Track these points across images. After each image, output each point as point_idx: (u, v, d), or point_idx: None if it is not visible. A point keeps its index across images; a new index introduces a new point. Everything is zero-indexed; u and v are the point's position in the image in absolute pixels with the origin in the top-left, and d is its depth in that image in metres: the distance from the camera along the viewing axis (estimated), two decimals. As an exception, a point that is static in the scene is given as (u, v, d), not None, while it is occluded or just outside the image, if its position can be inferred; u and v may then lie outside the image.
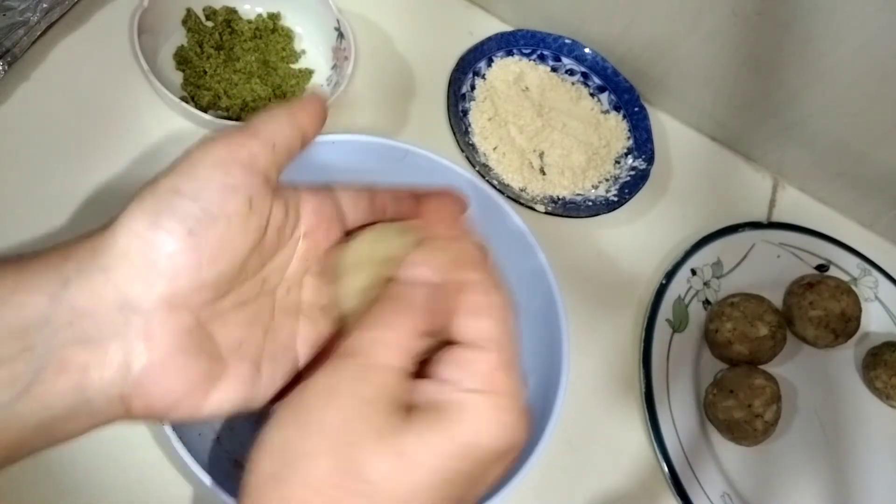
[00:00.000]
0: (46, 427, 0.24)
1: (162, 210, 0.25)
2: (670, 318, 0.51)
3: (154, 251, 0.24)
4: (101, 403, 0.24)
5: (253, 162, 0.27)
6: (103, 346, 0.24)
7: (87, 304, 0.24)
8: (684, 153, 0.61)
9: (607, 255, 0.54)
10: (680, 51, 0.56)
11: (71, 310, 0.24)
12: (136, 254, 0.24)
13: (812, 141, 0.58)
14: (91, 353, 0.24)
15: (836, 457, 0.51)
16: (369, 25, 0.56)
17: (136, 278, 0.24)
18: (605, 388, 0.49)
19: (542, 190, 0.53)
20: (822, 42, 0.50)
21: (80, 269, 0.24)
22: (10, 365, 0.23)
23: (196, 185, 0.25)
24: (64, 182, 0.43)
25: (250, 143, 0.27)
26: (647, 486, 0.46)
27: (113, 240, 0.24)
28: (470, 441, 0.23)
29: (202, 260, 0.25)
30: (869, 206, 0.61)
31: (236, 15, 0.51)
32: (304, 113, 0.29)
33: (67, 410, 0.24)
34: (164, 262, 0.24)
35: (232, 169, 0.26)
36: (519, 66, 0.58)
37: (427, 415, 0.24)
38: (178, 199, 0.25)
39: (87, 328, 0.24)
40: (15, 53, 0.43)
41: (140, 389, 0.25)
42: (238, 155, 0.26)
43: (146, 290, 0.24)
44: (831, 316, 0.52)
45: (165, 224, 0.24)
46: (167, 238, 0.24)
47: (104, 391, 0.24)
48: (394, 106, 0.54)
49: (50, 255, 0.25)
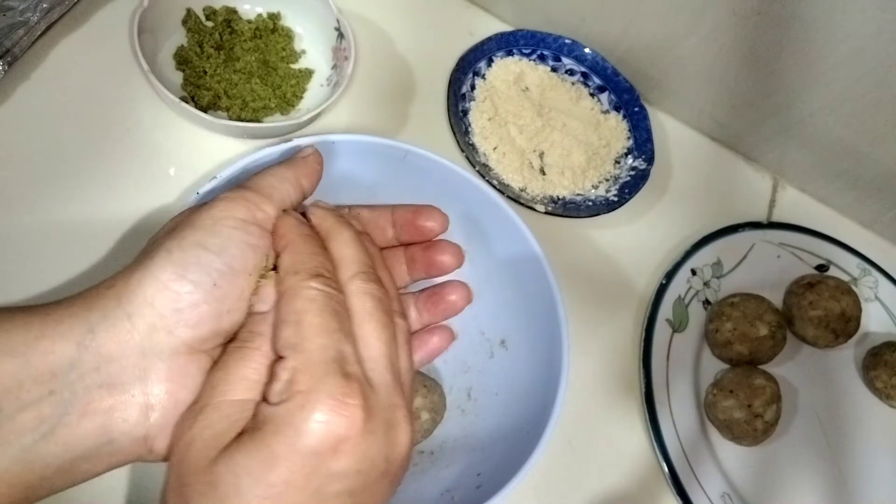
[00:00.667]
0: (68, 467, 0.25)
1: (188, 264, 0.26)
2: (670, 318, 0.51)
3: (179, 301, 0.26)
4: (124, 444, 0.26)
5: (267, 222, 0.29)
6: (128, 390, 0.25)
7: (113, 350, 0.25)
8: (684, 153, 0.61)
9: (607, 255, 0.54)
10: (680, 51, 0.56)
11: (97, 356, 0.25)
12: (161, 303, 0.26)
13: (812, 141, 0.58)
14: (115, 396, 0.25)
15: (836, 457, 0.51)
16: (369, 25, 0.56)
17: (161, 327, 0.26)
18: (605, 388, 0.49)
19: (542, 190, 0.53)
20: (823, 42, 0.50)
21: (106, 316, 0.25)
22: (36, 408, 0.24)
23: (220, 241, 0.27)
24: (64, 182, 0.43)
25: (265, 205, 0.30)
26: (647, 486, 0.46)
27: (139, 288, 0.26)
28: (279, 451, 0.24)
29: (222, 310, 0.27)
30: (869, 206, 0.61)
31: (236, 15, 0.51)
32: (308, 178, 0.32)
33: (90, 451, 0.25)
34: (189, 311, 0.26)
35: (252, 228, 0.29)
36: (519, 66, 0.58)
37: (244, 439, 0.25)
38: (204, 253, 0.27)
39: (111, 373, 0.25)
40: (15, 53, 0.43)
41: (163, 430, 0.26)
42: (256, 217, 0.29)
43: (169, 337, 0.26)
44: (831, 316, 0.52)
45: (192, 276, 0.26)
46: (193, 290, 0.26)
47: (127, 433, 0.25)
48: (394, 106, 0.54)
49: (72, 303, 0.26)
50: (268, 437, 0.24)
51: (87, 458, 0.25)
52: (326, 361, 0.25)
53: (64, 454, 0.24)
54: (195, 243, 0.27)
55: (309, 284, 0.27)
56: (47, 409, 0.24)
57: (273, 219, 0.30)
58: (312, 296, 0.27)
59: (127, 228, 0.42)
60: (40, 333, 0.24)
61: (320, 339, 0.26)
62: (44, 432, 0.24)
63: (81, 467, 0.25)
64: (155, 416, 0.26)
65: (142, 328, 0.25)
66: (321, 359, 0.25)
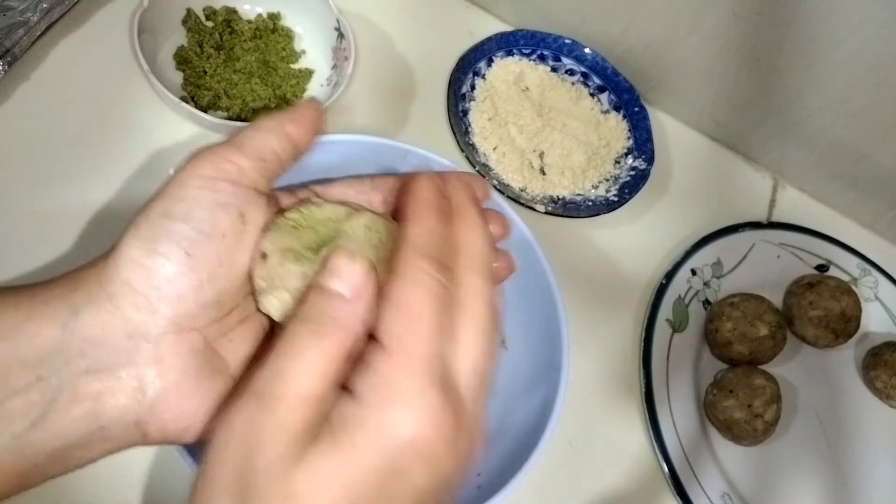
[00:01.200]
0: (60, 455, 0.24)
1: (157, 236, 0.25)
2: (670, 318, 0.51)
3: (155, 277, 0.25)
4: (116, 430, 0.25)
5: (241, 176, 0.27)
6: (115, 374, 0.24)
7: (98, 334, 0.24)
8: (684, 153, 0.61)
9: (607, 255, 0.54)
10: (680, 51, 0.56)
11: (83, 339, 0.24)
12: (138, 282, 0.24)
13: (812, 141, 0.58)
14: (104, 381, 0.24)
15: (836, 457, 0.51)
16: (369, 25, 0.56)
17: (143, 306, 0.24)
18: (605, 388, 0.49)
19: (542, 190, 0.53)
20: (823, 42, 0.50)
21: (90, 298, 0.24)
22: (25, 395, 0.23)
23: (185, 206, 0.25)
24: (64, 182, 0.43)
25: (236, 157, 0.27)
26: (647, 486, 0.46)
27: (115, 268, 0.25)
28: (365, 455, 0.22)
29: (202, 279, 0.25)
30: (869, 206, 0.61)
31: (236, 15, 0.51)
32: (295, 122, 0.28)
33: (81, 438, 0.24)
34: (167, 286, 0.25)
35: (220, 185, 0.26)
36: (519, 66, 0.58)
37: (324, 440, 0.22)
38: (170, 222, 0.25)
39: (98, 357, 0.24)
40: (15, 53, 0.43)
41: (155, 414, 0.25)
42: (224, 170, 0.26)
43: (153, 316, 0.25)
44: (831, 316, 0.52)
45: (162, 249, 0.25)
46: (166, 263, 0.25)
47: (119, 418, 0.24)
48: (394, 106, 0.54)
49: (60, 283, 0.25)
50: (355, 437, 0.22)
51: (79, 446, 0.24)
52: (433, 368, 0.23)
53: (55, 441, 0.24)
54: (161, 213, 0.25)
55: (433, 274, 0.24)
56: (36, 396, 0.23)
57: (249, 171, 0.27)
58: (434, 289, 0.24)
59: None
60: (28, 315, 0.24)
61: (430, 339, 0.23)
62: (33, 420, 0.23)
63: (75, 454, 0.24)
64: (146, 401, 0.25)
65: (124, 309, 0.24)
66: (427, 361, 0.23)
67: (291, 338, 0.24)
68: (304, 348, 0.24)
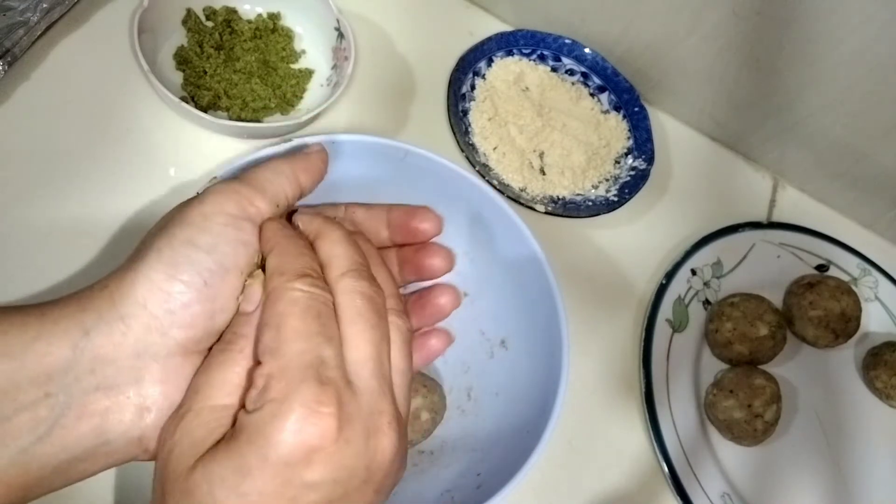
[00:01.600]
0: (64, 468, 0.25)
1: (179, 263, 0.26)
2: (670, 318, 0.51)
3: (172, 302, 0.25)
4: (120, 445, 0.25)
5: (260, 218, 0.29)
6: (122, 392, 0.25)
7: (108, 353, 0.25)
8: (684, 153, 0.61)
9: (607, 255, 0.54)
10: (680, 51, 0.56)
11: (92, 358, 0.25)
12: (154, 305, 0.25)
13: (812, 141, 0.58)
14: (111, 398, 0.25)
15: (836, 457, 0.51)
16: (369, 25, 0.56)
17: (154, 328, 0.25)
18: (605, 388, 0.49)
19: (542, 190, 0.53)
20: (823, 42, 0.50)
21: (101, 317, 0.25)
22: (33, 410, 0.24)
23: (211, 239, 0.27)
24: (64, 182, 0.43)
25: (258, 200, 0.29)
26: (647, 486, 0.46)
27: (132, 290, 0.26)
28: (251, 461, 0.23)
29: (215, 309, 0.27)
30: (869, 206, 0.61)
31: (236, 15, 0.51)
32: (307, 173, 0.31)
33: (86, 452, 0.25)
34: (181, 312, 0.26)
35: (243, 224, 0.28)
36: (519, 66, 0.58)
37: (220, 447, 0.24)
38: (194, 252, 0.26)
39: (107, 375, 0.25)
40: (15, 53, 0.43)
41: (157, 431, 0.26)
42: (248, 212, 0.28)
43: (163, 339, 0.26)
44: (831, 316, 0.52)
45: (182, 276, 0.26)
46: (184, 289, 0.26)
47: (123, 434, 0.25)
48: (394, 106, 0.54)
49: (67, 303, 0.26)
50: (241, 445, 0.24)
51: (83, 459, 0.25)
52: (303, 367, 0.24)
53: (60, 455, 0.24)
54: (185, 241, 0.26)
55: (293, 286, 0.26)
56: (43, 412, 0.24)
57: (266, 214, 0.29)
58: (296, 297, 0.26)
59: (127, 228, 0.42)
60: (37, 335, 0.24)
61: (299, 343, 0.25)
62: (40, 434, 0.24)
63: (78, 467, 0.25)
64: (150, 418, 0.26)
65: (136, 330, 0.25)
66: (297, 364, 0.25)
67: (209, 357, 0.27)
68: (212, 364, 0.26)
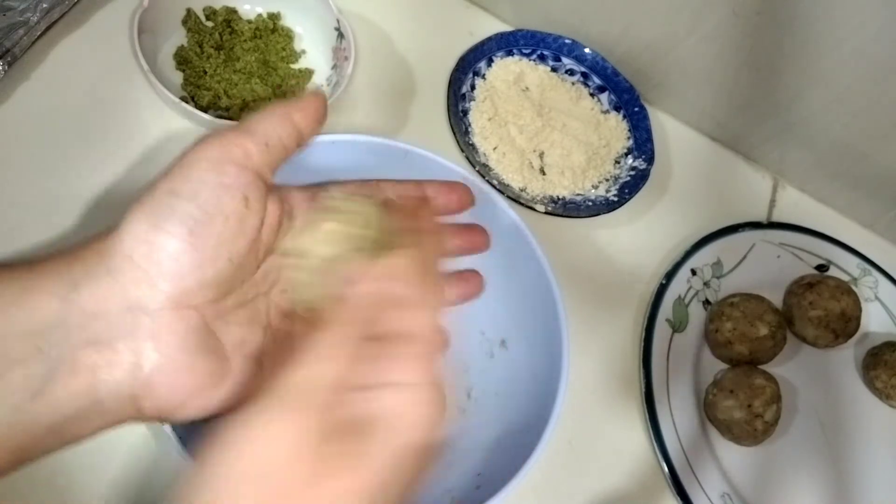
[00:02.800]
0: (58, 428, 0.24)
1: (162, 212, 0.25)
2: (670, 318, 0.51)
3: (157, 252, 0.25)
4: (112, 404, 0.25)
5: (247, 160, 0.27)
6: (113, 348, 0.25)
7: (97, 307, 0.24)
8: (684, 153, 0.61)
9: (607, 255, 0.54)
10: (680, 51, 0.56)
11: (81, 312, 0.24)
12: (140, 256, 0.25)
13: (812, 141, 0.58)
14: (101, 354, 0.24)
15: (836, 457, 0.51)
16: (369, 25, 0.56)
17: (143, 280, 0.25)
18: (605, 388, 0.49)
19: (542, 190, 0.53)
20: (823, 42, 0.50)
21: (88, 272, 0.25)
22: (24, 366, 0.23)
23: (192, 185, 0.26)
24: (64, 182, 0.43)
25: (244, 141, 0.27)
26: (647, 486, 0.46)
27: (118, 243, 0.25)
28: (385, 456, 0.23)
29: (204, 259, 0.26)
30: (869, 206, 0.61)
31: (236, 15, 0.51)
32: (301, 111, 0.29)
33: (79, 412, 0.24)
34: (168, 262, 0.25)
35: (227, 168, 0.27)
36: (519, 66, 0.58)
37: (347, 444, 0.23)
38: (176, 200, 0.26)
39: (97, 330, 0.24)
40: (15, 53, 0.43)
41: (150, 389, 0.25)
42: (232, 154, 0.27)
43: (152, 291, 0.25)
44: (831, 316, 0.51)
45: (166, 226, 0.25)
46: (169, 239, 0.25)
47: (115, 392, 0.25)
48: (394, 106, 0.54)
49: (57, 258, 0.25)
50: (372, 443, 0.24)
51: (76, 418, 0.24)
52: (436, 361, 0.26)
53: (54, 414, 0.24)
54: (168, 191, 0.26)
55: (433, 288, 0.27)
56: (35, 368, 0.23)
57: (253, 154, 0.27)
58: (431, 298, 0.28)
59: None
60: (24, 288, 0.24)
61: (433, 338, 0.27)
62: (33, 391, 0.23)
63: (71, 428, 0.25)
64: (142, 375, 0.25)
65: (124, 283, 0.25)
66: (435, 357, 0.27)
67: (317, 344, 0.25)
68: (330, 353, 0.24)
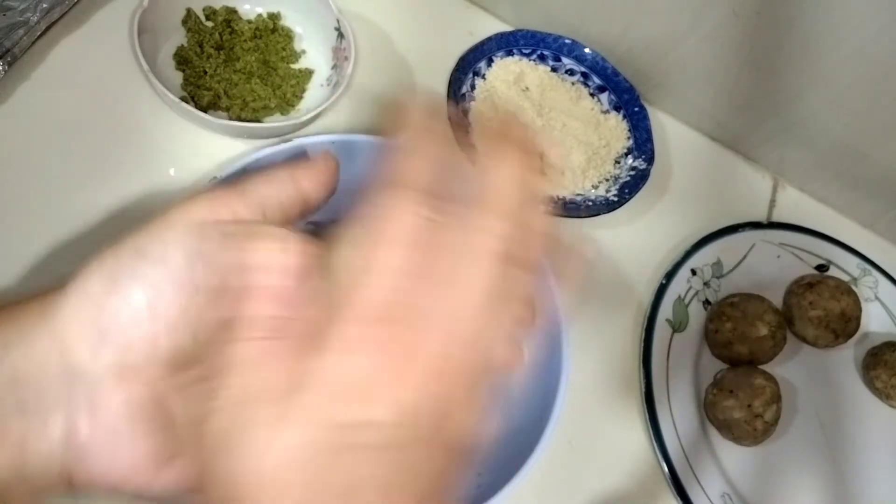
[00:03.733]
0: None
1: (122, 273, 0.22)
2: (670, 318, 0.51)
3: (106, 318, 0.22)
4: (40, 478, 0.22)
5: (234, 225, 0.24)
6: (43, 417, 0.22)
7: (29, 372, 0.22)
8: (684, 153, 0.61)
9: (607, 255, 0.54)
10: (680, 51, 0.56)
11: (12, 378, 0.22)
12: (86, 319, 0.22)
13: (812, 141, 0.58)
14: (30, 423, 0.22)
15: (836, 457, 0.51)
16: (369, 25, 0.56)
17: (84, 346, 0.22)
18: (605, 388, 0.49)
19: (542, 190, 0.53)
20: (823, 42, 0.50)
21: (24, 332, 0.22)
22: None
23: (163, 247, 0.23)
24: (64, 182, 0.43)
25: (234, 202, 0.24)
26: (647, 486, 0.46)
27: (64, 301, 0.22)
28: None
29: (159, 332, 0.22)
30: (869, 206, 0.61)
31: (236, 15, 0.51)
32: (309, 175, 0.26)
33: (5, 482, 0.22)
34: (116, 331, 0.22)
35: (209, 233, 0.23)
36: (519, 66, 0.58)
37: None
38: (141, 262, 0.22)
39: (27, 397, 0.22)
40: (15, 53, 0.43)
41: (82, 464, 0.23)
42: (219, 214, 0.24)
43: (93, 360, 0.22)
44: (831, 316, 0.51)
45: (122, 290, 0.22)
46: (123, 306, 0.22)
47: (43, 465, 0.22)
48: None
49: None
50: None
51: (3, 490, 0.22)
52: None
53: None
54: (133, 250, 0.23)
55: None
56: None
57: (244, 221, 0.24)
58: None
59: (126, 229, 0.42)
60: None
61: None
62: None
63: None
64: (74, 448, 0.22)
65: (63, 347, 0.22)
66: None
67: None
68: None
